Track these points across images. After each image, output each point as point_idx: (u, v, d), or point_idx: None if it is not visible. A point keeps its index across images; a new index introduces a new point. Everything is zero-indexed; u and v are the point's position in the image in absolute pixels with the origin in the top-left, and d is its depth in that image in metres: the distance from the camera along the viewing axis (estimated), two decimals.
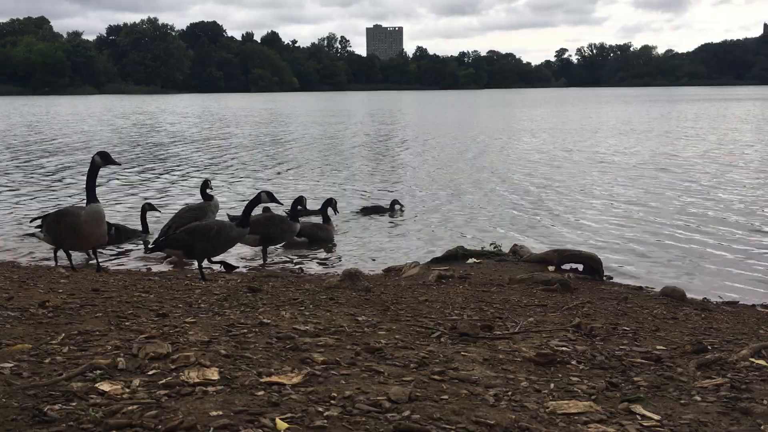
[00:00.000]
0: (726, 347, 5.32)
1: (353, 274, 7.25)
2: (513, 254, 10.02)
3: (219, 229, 8.22)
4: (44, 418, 3.10)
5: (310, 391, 3.60)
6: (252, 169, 22.00)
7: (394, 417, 3.34)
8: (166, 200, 16.02)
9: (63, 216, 8.16)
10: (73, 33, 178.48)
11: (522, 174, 20.33)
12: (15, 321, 4.85)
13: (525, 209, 14.68)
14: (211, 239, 8.12)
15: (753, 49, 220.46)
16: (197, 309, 5.68)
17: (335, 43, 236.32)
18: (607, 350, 4.95)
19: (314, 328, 5.02)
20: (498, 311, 6.24)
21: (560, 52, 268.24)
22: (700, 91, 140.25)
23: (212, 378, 3.68)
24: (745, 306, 7.91)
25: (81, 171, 21.16)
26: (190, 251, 8.24)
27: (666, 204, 15.10)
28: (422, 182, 18.86)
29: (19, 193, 17.23)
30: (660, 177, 19.34)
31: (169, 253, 8.90)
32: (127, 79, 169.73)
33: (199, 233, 8.17)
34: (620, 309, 6.72)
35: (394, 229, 12.88)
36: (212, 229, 8.21)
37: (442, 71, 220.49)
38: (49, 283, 6.90)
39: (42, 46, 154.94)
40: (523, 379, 4.18)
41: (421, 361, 4.34)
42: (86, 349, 4.17)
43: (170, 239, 8.49)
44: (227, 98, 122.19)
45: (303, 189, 17.13)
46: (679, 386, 4.25)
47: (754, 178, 18.99)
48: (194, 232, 8.22)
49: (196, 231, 8.24)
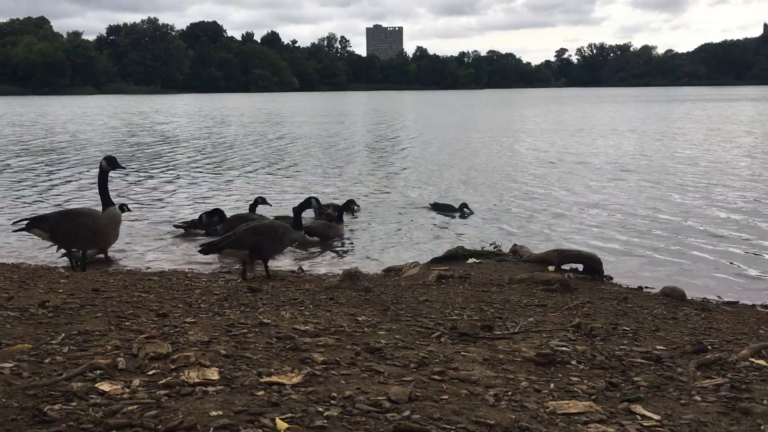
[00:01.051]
0: (726, 347, 5.32)
1: (353, 274, 7.25)
2: (513, 254, 10.02)
3: (285, 229, 8.15)
4: (44, 418, 3.10)
5: (310, 391, 3.60)
6: (255, 169, 22.00)
7: (394, 417, 3.34)
8: (152, 197, 16.03)
9: (78, 216, 8.20)
10: (73, 33, 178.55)
11: (522, 174, 20.33)
12: (15, 321, 4.85)
13: (525, 209, 14.67)
14: (280, 238, 8.07)
15: (753, 49, 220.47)
16: (197, 309, 5.68)
17: (335, 43, 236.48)
18: (607, 350, 4.95)
19: (314, 328, 5.02)
20: (498, 311, 6.24)
21: (560, 52, 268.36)
22: (700, 92, 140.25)
23: (212, 378, 3.68)
24: (745, 306, 7.92)
25: (51, 171, 21.16)
26: (258, 251, 8.05)
27: (666, 204, 15.10)
28: (422, 182, 18.85)
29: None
30: (660, 177, 19.33)
31: (231, 254, 8.48)
32: (127, 79, 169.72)
33: (267, 232, 8.04)
34: (620, 309, 6.72)
35: (395, 229, 12.87)
36: (279, 229, 8.12)
37: (442, 71, 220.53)
38: (49, 283, 6.90)
39: (42, 46, 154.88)
40: (523, 379, 4.18)
41: (421, 361, 4.34)
42: (86, 349, 4.17)
43: (235, 240, 8.07)
44: (226, 98, 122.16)
45: (300, 188, 17.14)
46: (679, 386, 4.25)
47: (754, 177, 18.99)
48: (261, 232, 8.04)
49: (263, 230, 8.07)
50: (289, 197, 16.09)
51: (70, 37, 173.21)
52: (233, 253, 8.37)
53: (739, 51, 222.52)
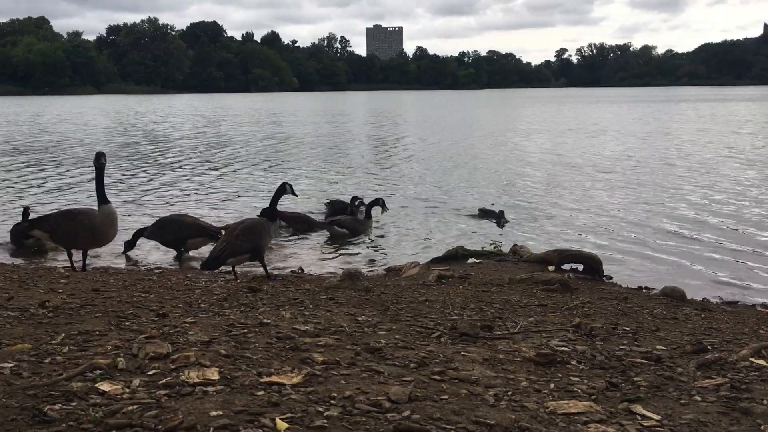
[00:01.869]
0: (726, 347, 5.32)
1: (353, 274, 7.25)
2: (513, 254, 10.01)
3: (266, 223, 8.11)
4: (44, 418, 3.10)
5: (310, 391, 3.60)
6: (258, 169, 22.01)
7: (394, 417, 3.34)
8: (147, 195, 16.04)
9: (76, 215, 8.23)
10: (73, 33, 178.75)
11: (522, 174, 20.33)
12: (15, 321, 4.85)
13: (525, 209, 14.67)
14: (268, 232, 8.04)
15: (753, 49, 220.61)
16: (197, 309, 5.68)
17: (335, 43, 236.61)
18: (607, 350, 4.95)
19: (314, 328, 5.02)
20: (498, 311, 6.24)
21: (560, 52, 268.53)
22: (700, 91, 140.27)
23: (212, 378, 3.68)
24: (745, 306, 7.91)
25: (34, 171, 21.17)
26: (258, 252, 7.98)
27: (666, 204, 15.10)
28: (422, 182, 18.84)
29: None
30: (660, 177, 19.33)
31: (233, 262, 8.18)
32: (127, 79, 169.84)
33: (258, 232, 7.96)
34: (620, 309, 6.72)
35: (394, 229, 12.87)
36: (264, 225, 8.08)
37: (442, 71, 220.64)
38: (49, 283, 6.90)
39: (42, 46, 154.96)
40: (523, 379, 4.18)
41: (421, 361, 4.34)
42: (86, 349, 4.17)
43: (233, 249, 7.89)
44: (225, 98, 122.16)
45: (301, 188, 17.12)
46: (679, 386, 4.25)
47: (754, 176, 18.99)
48: (255, 232, 7.96)
49: (255, 230, 7.98)
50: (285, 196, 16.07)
51: (70, 37, 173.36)
52: (235, 261, 8.13)
53: (739, 51, 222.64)
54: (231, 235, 8.10)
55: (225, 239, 8.11)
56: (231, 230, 8.33)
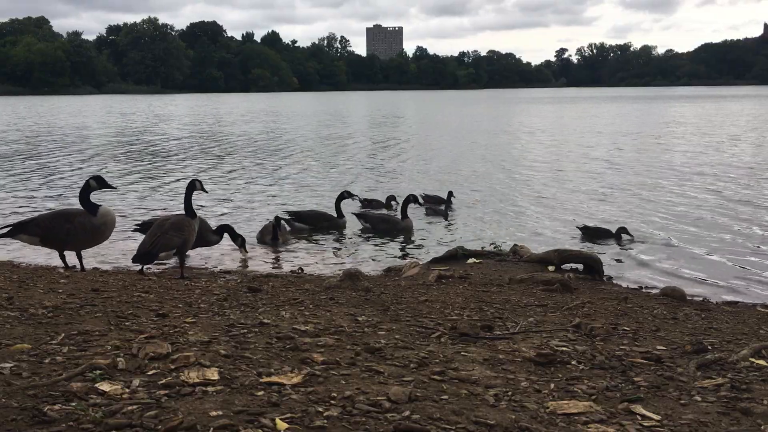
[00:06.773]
0: (726, 347, 5.32)
1: (353, 274, 7.25)
2: (513, 254, 10.01)
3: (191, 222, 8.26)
4: (44, 418, 3.09)
5: (310, 391, 3.60)
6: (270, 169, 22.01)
7: (394, 417, 3.34)
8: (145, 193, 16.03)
9: (74, 217, 8.26)
10: (73, 33, 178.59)
11: (522, 174, 20.32)
12: (15, 321, 4.85)
13: (525, 209, 14.67)
14: (194, 230, 8.21)
15: (753, 49, 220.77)
16: (197, 309, 5.68)
17: (335, 43, 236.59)
18: (607, 350, 4.95)
19: (314, 328, 5.02)
20: (498, 311, 6.23)
21: (560, 52, 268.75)
22: (700, 91, 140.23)
23: (212, 378, 3.68)
24: (745, 306, 7.90)
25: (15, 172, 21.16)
26: (185, 247, 8.21)
27: (665, 204, 15.10)
28: (422, 182, 18.83)
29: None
30: (659, 177, 19.32)
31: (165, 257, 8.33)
32: (127, 79, 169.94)
33: (186, 228, 8.13)
34: (620, 309, 6.72)
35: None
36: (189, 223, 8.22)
37: (442, 71, 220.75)
38: (49, 283, 6.89)
39: (42, 46, 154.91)
40: (523, 379, 4.18)
41: (421, 361, 4.34)
42: (86, 349, 4.17)
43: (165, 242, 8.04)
44: (225, 98, 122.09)
45: (301, 188, 17.11)
46: (679, 386, 4.24)
47: (753, 177, 18.98)
48: (182, 228, 8.11)
49: (182, 227, 8.13)
50: (287, 197, 16.09)
51: (70, 37, 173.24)
52: (165, 256, 8.25)
53: (739, 51, 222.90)
54: (161, 229, 8.20)
55: (155, 233, 8.18)
56: (160, 224, 8.38)
